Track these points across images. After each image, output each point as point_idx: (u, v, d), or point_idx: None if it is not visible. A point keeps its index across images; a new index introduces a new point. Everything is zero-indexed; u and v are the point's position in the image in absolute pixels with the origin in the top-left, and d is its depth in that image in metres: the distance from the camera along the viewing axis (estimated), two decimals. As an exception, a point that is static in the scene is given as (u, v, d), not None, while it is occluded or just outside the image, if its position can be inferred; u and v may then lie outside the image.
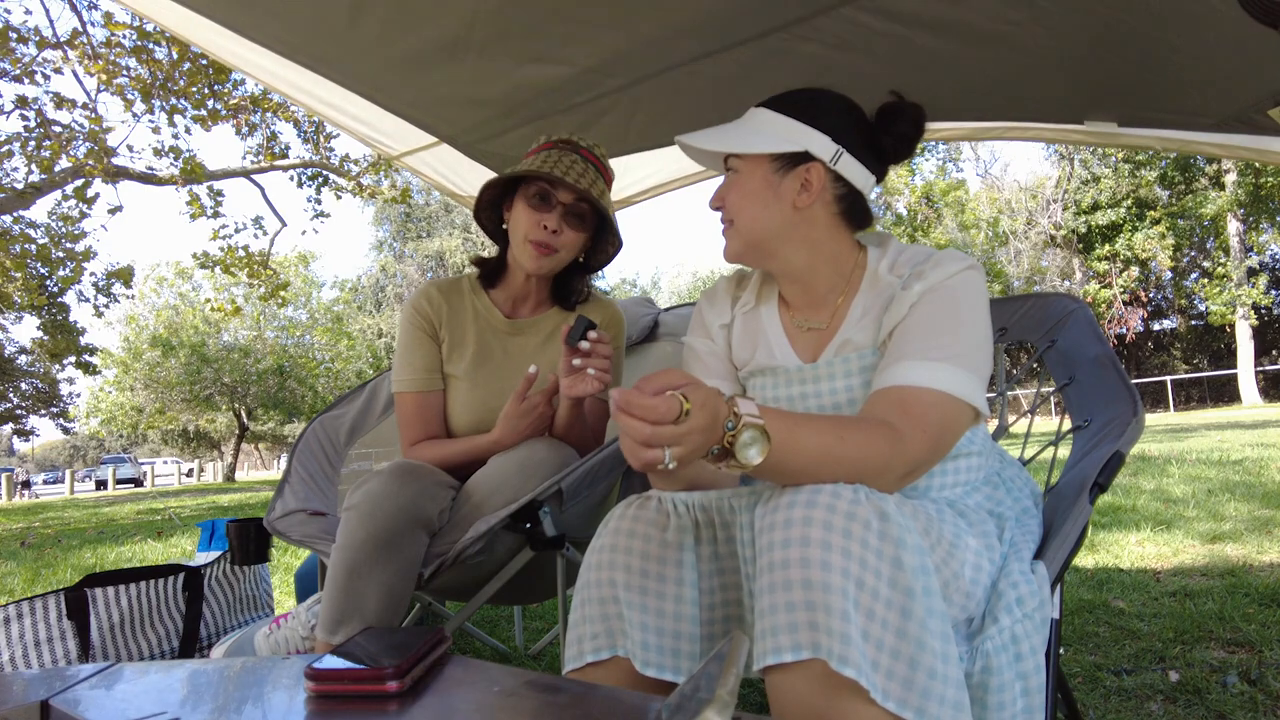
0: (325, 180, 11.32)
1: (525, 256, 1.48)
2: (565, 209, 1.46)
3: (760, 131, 1.05)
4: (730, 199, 1.07)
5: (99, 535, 6.79)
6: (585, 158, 1.48)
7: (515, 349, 1.58)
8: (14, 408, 22.76)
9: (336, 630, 1.25)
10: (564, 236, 1.47)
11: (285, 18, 1.71)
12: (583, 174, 1.45)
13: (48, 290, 13.85)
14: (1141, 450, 7.29)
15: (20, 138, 8.67)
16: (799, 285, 1.09)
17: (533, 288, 1.59)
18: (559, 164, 1.43)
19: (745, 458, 0.76)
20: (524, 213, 1.46)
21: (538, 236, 1.45)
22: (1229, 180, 23.03)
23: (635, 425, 0.71)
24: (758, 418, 0.77)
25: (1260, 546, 3.02)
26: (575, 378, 1.26)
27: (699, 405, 0.73)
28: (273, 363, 23.77)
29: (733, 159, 1.08)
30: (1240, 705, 1.54)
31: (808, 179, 1.04)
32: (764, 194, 1.05)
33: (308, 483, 1.91)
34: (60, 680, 0.77)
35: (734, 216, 1.07)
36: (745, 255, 1.09)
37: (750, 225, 1.06)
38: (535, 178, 1.45)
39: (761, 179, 1.05)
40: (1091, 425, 1.32)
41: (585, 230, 1.51)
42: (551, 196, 1.45)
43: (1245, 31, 1.25)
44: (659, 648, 0.88)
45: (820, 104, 1.06)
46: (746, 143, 1.05)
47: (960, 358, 0.92)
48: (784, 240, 1.06)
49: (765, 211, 1.04)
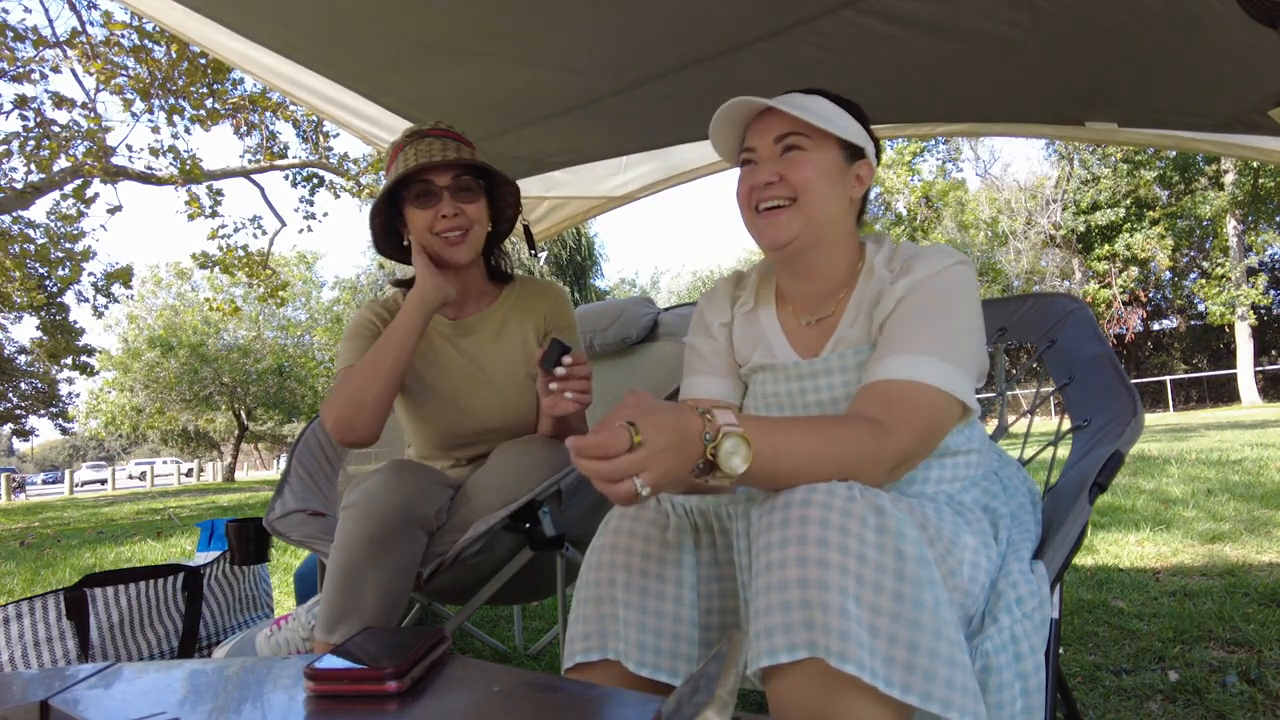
0: (321, 181, 11.31)
1: (443, 252, 1.46)
2: (450, 190, 1.44)
3: (831, 116, 1.03)
4: (797, 175, 1.01)
5: (98, 535, 6.79)
6: (436, 136, 1.47)
7: (469, 350, 1.56)
8: (13, 408, 22.73)
9: (335, 629, 1.25)
10: (466, 213, 1.45)
11: (285, 18, 1.71)
12: (444, 150, 1.44)
13: (47, 290, 13.83)
14: (1141, 450, 7.29)
15: (19, 137, 8.66)
16: (809, 282, 1.09)
17: (467, 284, 1.57)
18: (418, 156, 1.43)
19: (730, 467, 0.76)
20: (417, 216, 1.45)
21: (441, 227, 1.44)
22: (1228, 180, 23.04)
23: (591, 465, 0.73)
24: (736, 426, 0.77)
25: (1259, 546, 3.02)
26: (554, 399, 1.26)
27: (653, 428, 0.72)
28: (272, 363, 23.76)
29: (796, 136, 1.02)
30: (1240, 705, 1.55)
31: (860, 175, 1.06)
32: (834, 175, 1.03)
33: (307, 483, 1.91)
34: (60, 680, 0.77)
35: (800, 193, 1.01)
36: (798, 239, 1.03)
37: (818, 204, 1.02)
38: (408, 179, 1.44)
39: (833, 160, 1.03)
40: (1091, 425, 1.32)
41: (480, 197, 1.49)
42: (432, 187, 1.44)
43: (1245, 32, 1.25)
44: (656, 648, 0.88)
45: (858, 107, 1.08)
46: (826, 121, 1.01)
47: (946, 351, 0.93)
48: (833, 229, 1.05)
49: (833, 193, 1.03)
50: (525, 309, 1.60)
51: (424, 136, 1.46)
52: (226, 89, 9.18)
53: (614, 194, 2.62)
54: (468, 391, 1.54)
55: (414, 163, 1.41)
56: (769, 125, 1.04)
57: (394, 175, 1.43)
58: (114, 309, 20.36)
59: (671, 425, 0.74)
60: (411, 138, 1.47)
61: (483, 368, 1.55)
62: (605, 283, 31.87)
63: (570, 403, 1.24)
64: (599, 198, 2.64)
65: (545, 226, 2.70)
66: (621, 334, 2.33)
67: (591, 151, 2.36)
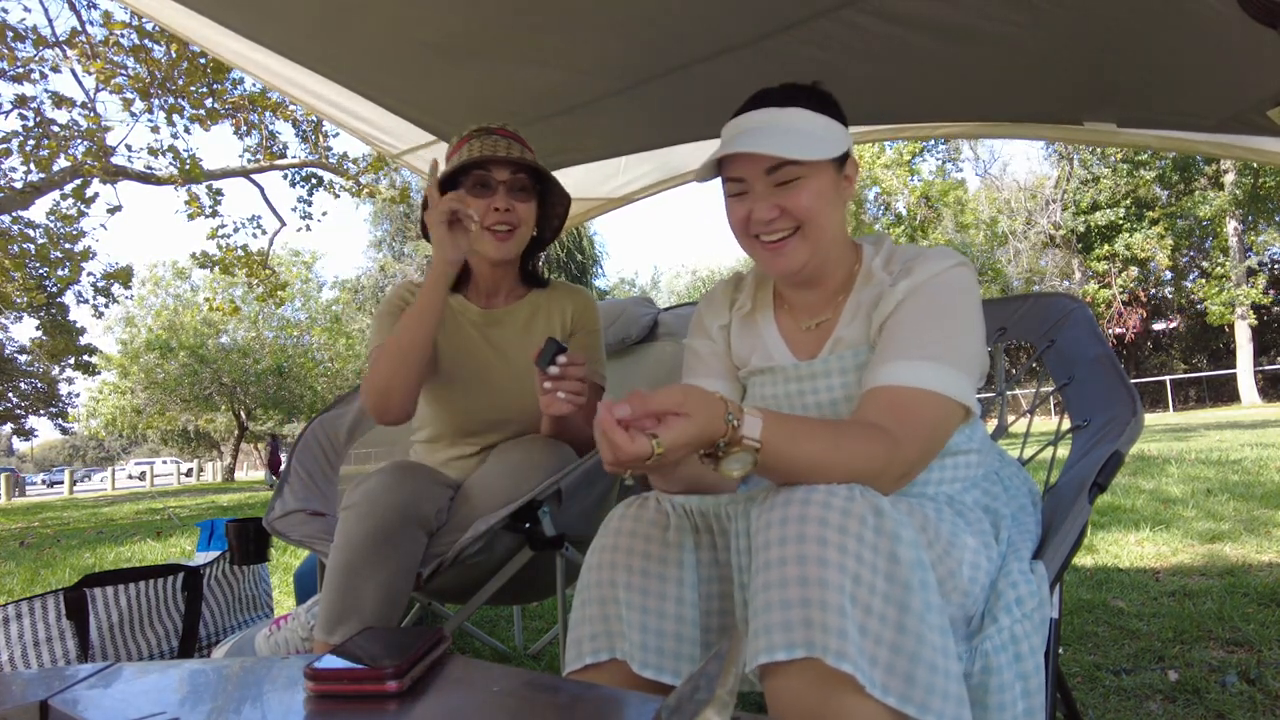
0: (319, 182, 11.30)
1: (488, 245, 1.50)
2: (507, 186, 1.49)
3: (819, 135, 1.01)
4: (799, 205, 0.99)
5: (98, 535, 6.79)
6: (502, 136, 1.52)
7: (496, 339, 1.59)
8: (13, 407, 22.72)
9: (335, 629, 1.24)
10: (516, 212, 1.50)
11: (285, 18, 1.71)
12: (509, 148, 1.49)
13: (46, 290, 13.82)
14: (1141, 450, 7.30)
15: (19, 137, 8.66)
16: (810, 288, 1.09)
17: (501, 278, 1.61)
18: (484, 148, 1.47)
19: (726, 470, 0.80)
20: (472, 204, 1.48)
21: (492, 220, 1.48)
22: (1228, 180, 23.04)
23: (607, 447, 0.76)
24: (756, 441, 0.79)
25: (1259, 546, 3.02)
26: (548, 398, 1.26)
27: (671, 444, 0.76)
28: (271, 363, 23.77)
29: (790, 167, 0.99)
30: (1239, 705, 1.55)
31: (849, 176, 1.05)
32: (832, 196, 1.02)
33: (307, 483, 1.91)
34: (59, 680, 0.77)
35: (805, 222, 1.00)
36: (808, 264, 1.02)
37: (823, 228, 1.01)
38: (470, 166, 1.47)
39: (829, 181, 1.02)
40: (1091, 425, 1.32)
41: (533, 199, 1.54)
42: (490, 179, 1.48)
43: (1245, 32, 1.25)
44: (658, 649, 0.88)
45: (832, 98, 1.06)
46: (817, 148, 0.99)
47: (950, 356, 0.93)
48: (836, 241, 1.05)
49: (834, 213, 1.03)
50: (554, 308, 1.63)
51: (491, 133, 1.52)
52: (226, 89, 9.18)
53: (613, 195, 2.62)
54: (489, 379, 1.56)
55: (479, 154, 1.45)
56: (757, 156, 0.99)
57: (456, 162, 1.47)
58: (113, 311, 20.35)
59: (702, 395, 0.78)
60: (479, 132, 1.52)
61: (507, 358, 1.57)
62: (605, 283, 31.88)
63: (564, 403, 1.23)
64: (598, 199, 2.64)
65: (545, 227, 2.70)
66: (621, 334, 2.33)
67: (591, 152, 2.36)
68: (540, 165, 1.52)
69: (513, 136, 1.54)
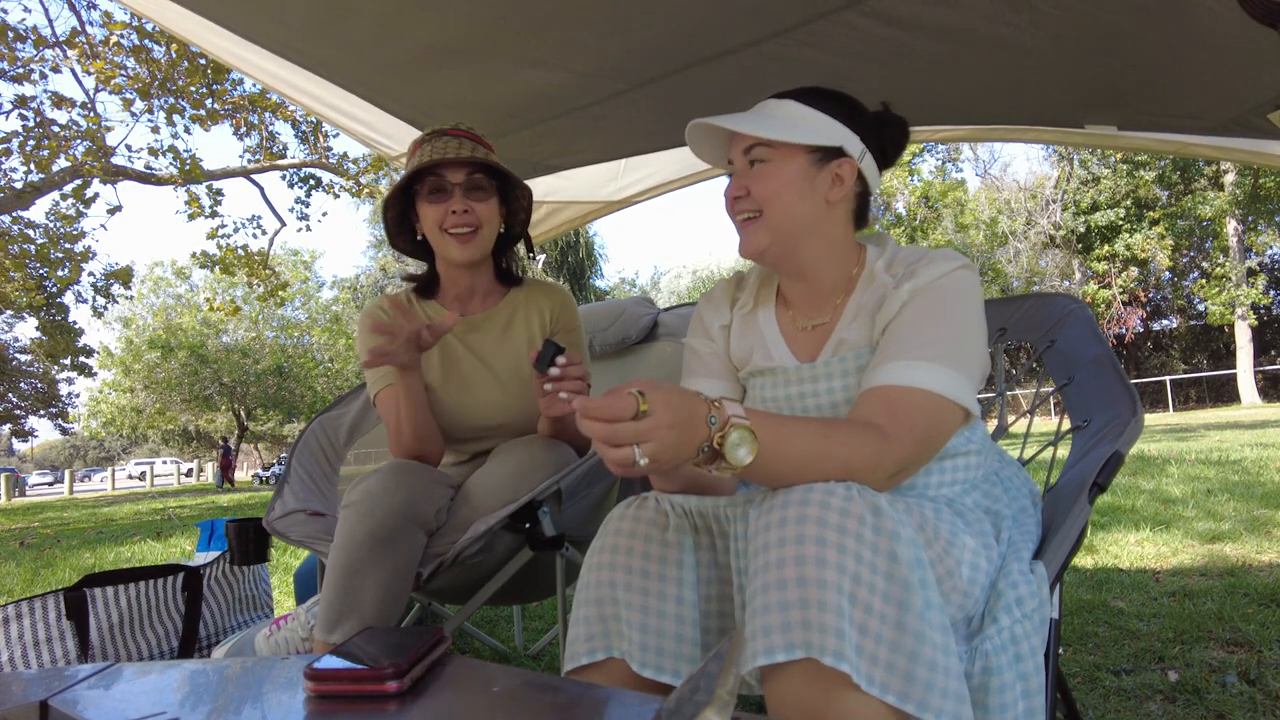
0: (318, 183, 11.30)
1: (451, 249, 1.49)
2: (462, 187, 1.47)
3: (795, 123, 1.03)
4: (761, 188, 1.03)
5: (98, 535, 6.79)
6: (456, 136, 1.50)
7: (476, 345, 1.58)
8: (13, 408, 22.71)
9: (334, 629, 1.24)
10: (476, 212, 1.48)
11: (284, 19, 1.71)
12: (459, 148, 1.47)
13: (46, 290, 13.82)
14: (1141, 450, 7.30)
15: (19, 137, 8.66)
16: (806, 284, 1.09)
17: (475, 280, 1.60)
18: (434, 151, 1.46)
19: (735, 458, 0.77)
20: (429, 211, 1.48)
21: (451, 224, 1.47)
22: (1228, 181, 23.04)
23: (594, 426, 0.74)
24: (744, 418, 0.78)
25: (1259, 546, 3.03)
26: (549, 399, 1.27)
27: (661, 404, 0.74)
28: (271, 363, 23.78)
29: (760, 149, 1.03)
30: (1239, 705, 1.55)
31: (839, 175, 1.04)
32: (800, 185, 1.03)
33: (307, 483, 1.91)
34: (59, 680, 0.77)
35: (765, 206, 1.03)
36: (769, 250, 1.05)
37: (783, 216, 1.03)
38: (421, 173, 1.46)
39: (798, 170, 1.03)
40: (1091, 425, 1.32)
41: (492, 197, 1.52)
42: (445, 183, 1.46)
43: (1245, 33, 1.26)
44: (658, 649, 0.88)
45: (848, 102, 1.07)
46: (787, 131, 1.02)
47: (949, 357, 0.93)
48: (809, 235, 1.05)
49: (800, 202, 1.03)
50: (531, 309, 1.61)
51: (443, 135, 1.50)
52: (226, 89, 9.18)
53: (612, 198, 2.62)
54: (472, 386, 1.55)
55: (429, 158, 1.44)
56: (740, 137, 1.05)
57: (409, 169, 1.46)
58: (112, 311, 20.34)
59: (679, 403, 0.76)
60: (431, 135, 1.50)
61: (488, 364, 1.56)
62: (605, 283, 31.85)
63: (565, 404, 1.24)
64: (597, 202, 2.64)
65: (543, 230, 2.70)
66: (621, 334, 2.33)
67: (590, 155, 2.36)
68: (495, 161, 1.50)
69: (466, 135, 1.52)
